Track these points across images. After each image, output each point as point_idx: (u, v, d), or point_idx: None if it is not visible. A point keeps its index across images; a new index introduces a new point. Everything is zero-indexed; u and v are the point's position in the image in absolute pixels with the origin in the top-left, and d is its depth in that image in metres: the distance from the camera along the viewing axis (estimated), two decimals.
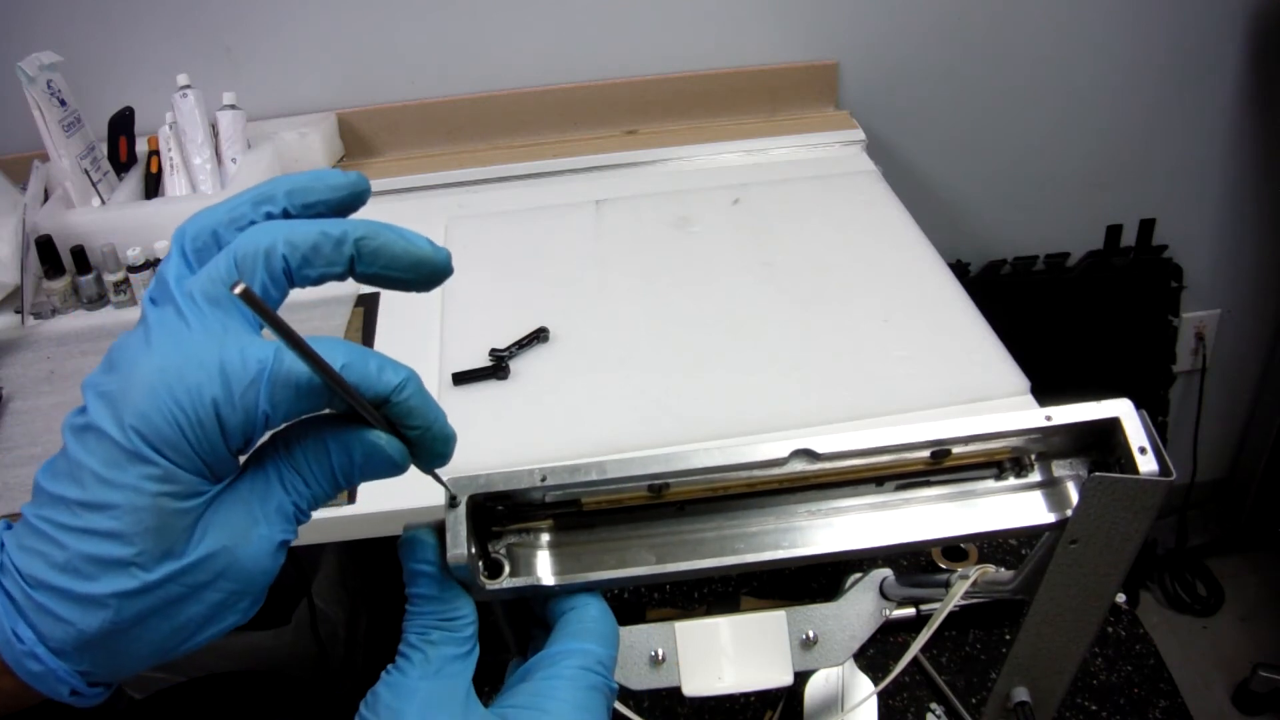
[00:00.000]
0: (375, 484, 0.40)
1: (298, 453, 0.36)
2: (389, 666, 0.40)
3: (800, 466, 0.43)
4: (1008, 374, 0.90)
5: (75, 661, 0.34)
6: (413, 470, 0.40)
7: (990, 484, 0.46)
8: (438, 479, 0.41)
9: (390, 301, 1.08)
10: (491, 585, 0.42)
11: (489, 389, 0.94)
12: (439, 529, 0.41)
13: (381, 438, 0.37)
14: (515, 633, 0.46)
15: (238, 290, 0.30)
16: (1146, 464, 0.41)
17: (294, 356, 0.33)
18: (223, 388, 0.32)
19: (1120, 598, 0.75)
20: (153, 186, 1.19)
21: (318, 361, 0.33)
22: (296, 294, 0.36)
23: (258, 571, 0.35)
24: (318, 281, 0.36)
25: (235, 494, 0.35)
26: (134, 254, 1.09)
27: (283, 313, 0.33)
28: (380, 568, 1.46)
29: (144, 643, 0.34)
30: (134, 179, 1.19)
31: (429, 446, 0.39)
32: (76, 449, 0.33)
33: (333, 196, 0.38)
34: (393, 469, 0.38)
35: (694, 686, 0.50)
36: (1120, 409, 0.42)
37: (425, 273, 0.40)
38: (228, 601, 0.35)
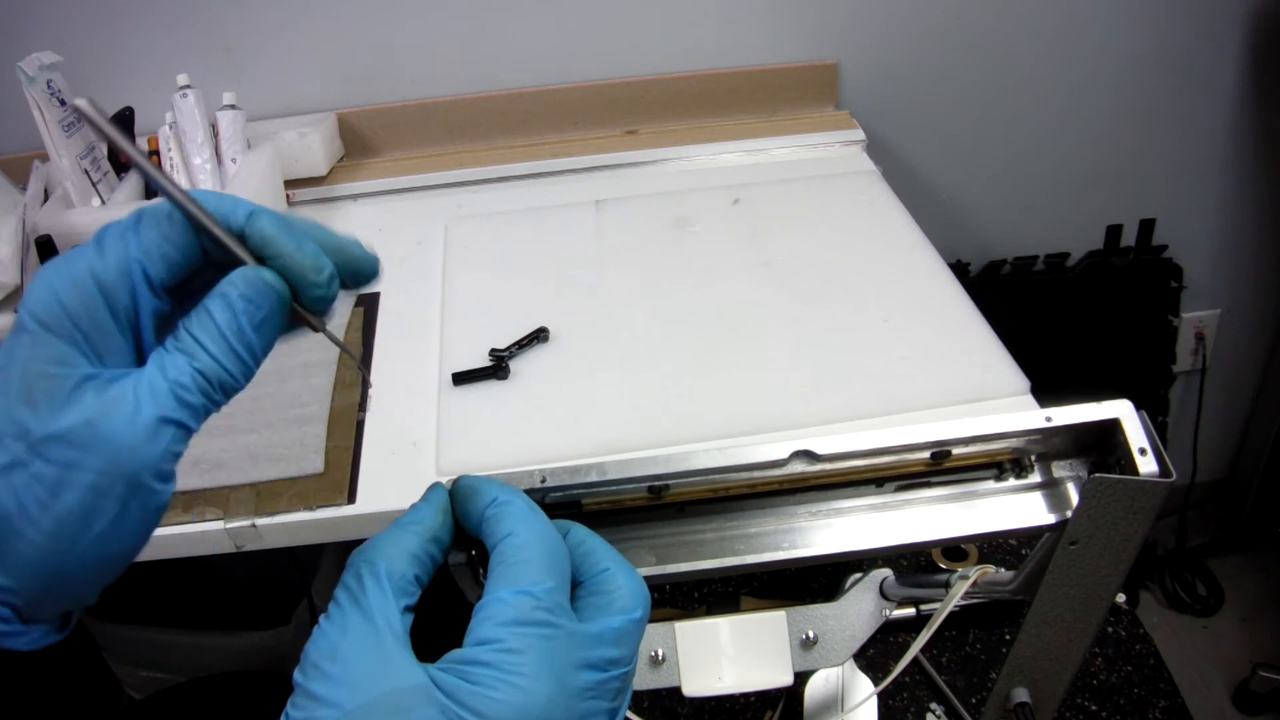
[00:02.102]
0: (375, 484, 0.40)
1: (180, 324, 0.35)
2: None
3: (800, 467, 0.43)
4: (1008, 374, 0.90)
5: None
6: (413, 471, 0.40)
7: (990, 485, 0.46)
8: (326, 333, 0.39)
9: (390, 302, 1.08)
10: None
11: (489, 389, 0.94)
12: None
13: (250, 267, 0.35)
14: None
15: (79, 102, 0.31)
16: (1146, 465, 0.41)
17: (151, 213, 0.34)
18: (95, 248, 0.34)
19: (1120, 598, 0.75)
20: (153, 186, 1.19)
21: (169, 188, 0.34)
22: None
23: (125, 448, 0.32)
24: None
25: (121, 379, 0.34)
26: None
27: None
28: None
29: (32, 542, 0.32)
30: (134, 179, 1.19)
31: (302, 275, 0.36)
32: None
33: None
34: (274, 299, 0.35)
35: (694, 686, 0.50)
36: (1120, 410, 0.42)
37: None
38: (100, 486, 0.32)
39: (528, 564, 0.35)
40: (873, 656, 0.78)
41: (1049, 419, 0.43)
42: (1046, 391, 0.80)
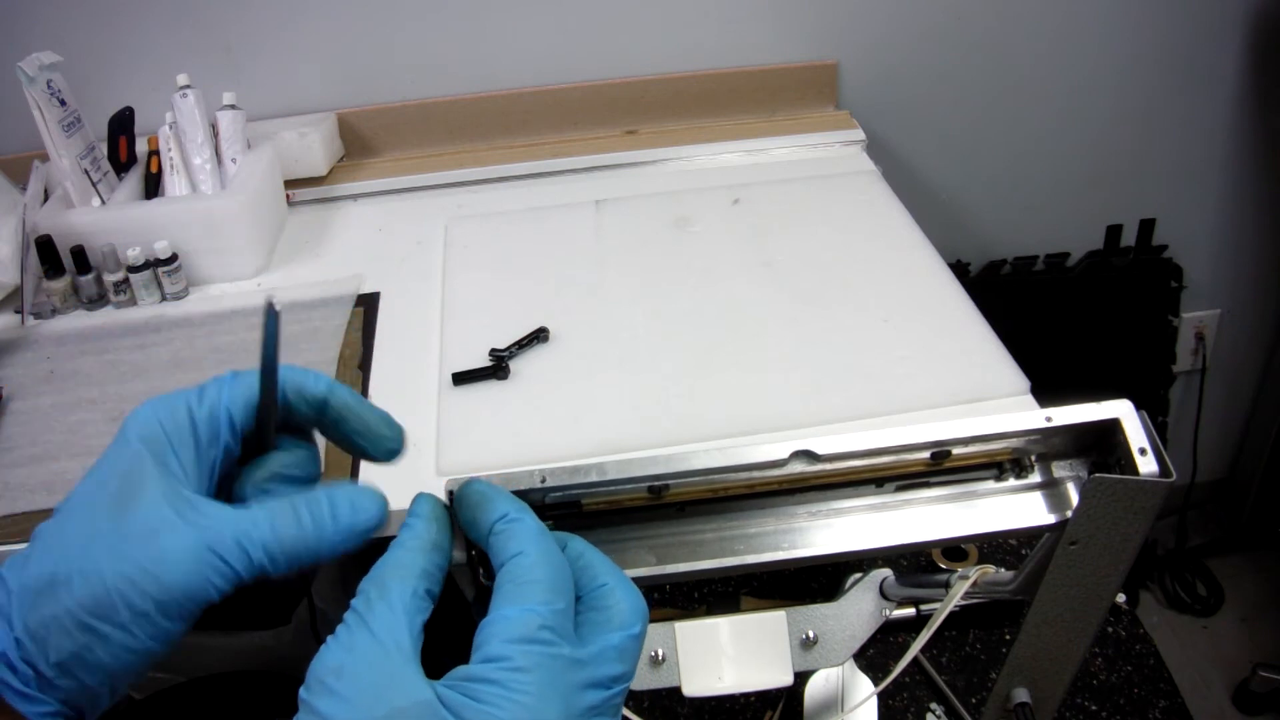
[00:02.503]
0: (374, 484, 0.40)
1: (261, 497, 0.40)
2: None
3: (800, 467, 0.43)
4: (1008, 374, 0.90)
5: (9, 619, 0.35)
6: (413, 471, 0.40)
7: (990, 485, 0.46)
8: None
9: (390, 302, 1.08)
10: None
11: (489, 389, 0.94)
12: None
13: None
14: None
15: (271, 300, 0.37)
16: (1146, 465, 0.41)
17: (242, 378, 0.40)
18: (196, 392, 0.40)
19: (1120, 598, 0.75)
20: (153, 186, 1.19)
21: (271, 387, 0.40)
22: (298, 294, 0.38)
23: (171, 569, 0.35)
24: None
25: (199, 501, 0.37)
26: (134, 254, 1.09)
27: (288, 309, 0.35)
28: None
29: (64, 609, 0.35)
30: (134, 179, 1.19)
31: (378, 433, 0.42)
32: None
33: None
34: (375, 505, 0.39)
35: (694, 686, 0.50)
36: (1120, 410, 0.42)
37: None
38: (138, 615, 0.35)
39: (537, 584, 0.36)
40: (873, 656, 0.78)
41: (1049, 419, 0.43)
42: (1046, 391, 0.80)
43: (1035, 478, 0.45)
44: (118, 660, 0.35)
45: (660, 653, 0.49)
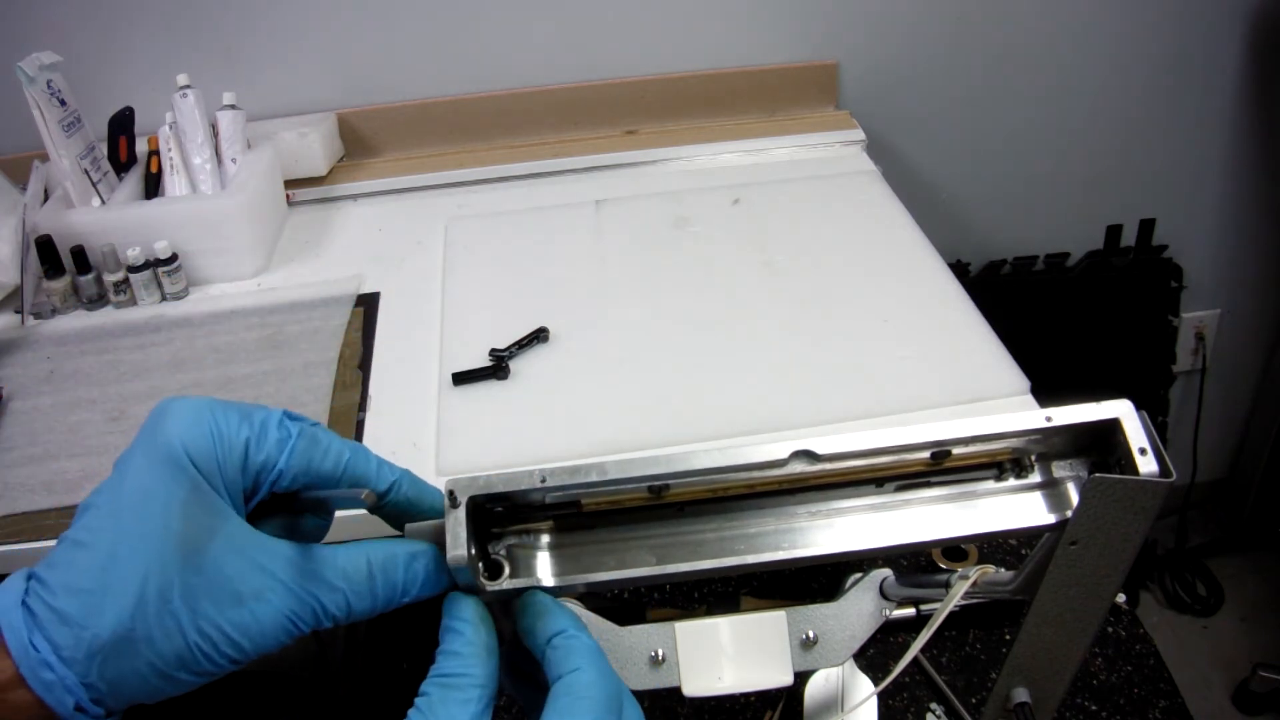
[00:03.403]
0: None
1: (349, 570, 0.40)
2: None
3: (800, 467, 0.43)
4: (1008, 374, 0.90)
5: (83, 672, 0.34)
6: (413, 471, 0.40)
7: (990, 485, 0.46)
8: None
9: (390, 301, 1.08)
10: (492, 586, 0.42)
11: (489, 389, 0.94)
12: (438, 530, 0.41)
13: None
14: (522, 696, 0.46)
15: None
16: (1146, 465, 0.41)
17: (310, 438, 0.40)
18: (253, 429, 0.39)
19: (1120, 598, 0.75)
20: (153, 186, 1.19)
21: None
22: (299, 295, 0.38)
23: (256, 637, 0.37)
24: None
25: (281, 548, 0.38)
26: (134, 254, 1.09)
27: (288, 309, 0.34)
28: None
29: (145, 662, 0.35)
30: (134, 179, 1.19)
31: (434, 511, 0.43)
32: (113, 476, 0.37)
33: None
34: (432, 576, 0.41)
35: (694, 687, 0.50)
36: (1120, 410, 0.42)
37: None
38: (227, 648, 0.36)
39: (593, 701, 0.38)
40: (873, 656, 0.77)
41: (1049, 419, 0.43)
42: (1046, 391, 0.80)
43: (1035, 478, 0.45)
44: (186, 690, 0.37)
45: (660, 653, 0.49)
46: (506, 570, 0.42)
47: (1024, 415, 0.43)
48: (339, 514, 0.44)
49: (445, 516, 0.40)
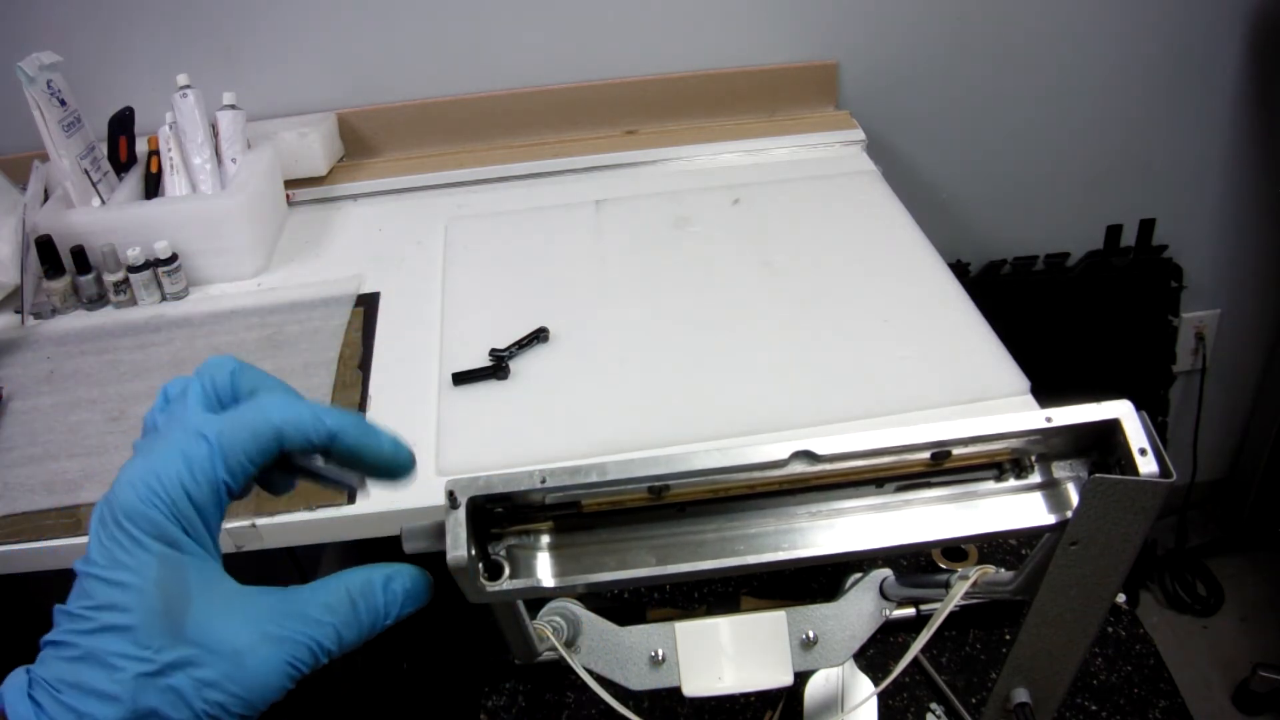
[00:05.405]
0: (374, 483, 0.40)
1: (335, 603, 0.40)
2: None
3: (801, 468, 0.43)
4: (1008, 374, 0.90)
5: None
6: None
7: (990, 485, 0.46)
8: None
9: (390, 301, 1.08)
10: (492, 587, 0.42)
11: (489, 389, 0.94)
12: (438, 531, 0.41)
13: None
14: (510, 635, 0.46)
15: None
16: (1147, 465, 0.41)
17: (234, 429, 0.39)
18: (187, 470, 0.37)
19: (1120, 598, 0.76)
20: (153, 186, 1.19)
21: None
22: (299, 295, 0.37)
23: (255, 689, 0.37)
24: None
25: (262, 599, 0.38)
26: (134, 254, 1.09)
27: (288, 309, 0.34)
28: None
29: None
30: (134, 179, 1.19)
31: (393, 460, 0.42)
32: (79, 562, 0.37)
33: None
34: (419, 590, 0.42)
35: (694, 686, 0.50)
36: (1120, 410, 0.42)
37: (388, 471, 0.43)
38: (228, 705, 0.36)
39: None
40: (873, 656, 0.78)
41: (1049, 419, 0.43)
42: (1046, 391, 0.80)
43: (1035, 478, 0.45)
44: None
45: (660, 653, 0.49)
46: (506, 571, 0.42)
47: (1024, 415, 0.43)
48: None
49: (445, 517, 0.40)
